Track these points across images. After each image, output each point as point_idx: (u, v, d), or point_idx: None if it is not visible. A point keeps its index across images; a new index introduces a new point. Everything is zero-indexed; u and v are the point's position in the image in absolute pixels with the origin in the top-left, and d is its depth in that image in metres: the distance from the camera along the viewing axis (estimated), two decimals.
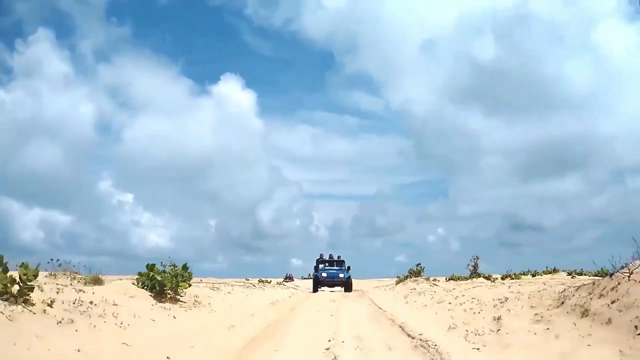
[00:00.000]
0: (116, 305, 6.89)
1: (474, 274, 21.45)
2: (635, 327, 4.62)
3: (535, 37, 63.03)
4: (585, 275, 19.19)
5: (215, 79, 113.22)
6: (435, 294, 11.49)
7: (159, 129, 69.45)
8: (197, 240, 60.48)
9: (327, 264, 24.42)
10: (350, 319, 8.69)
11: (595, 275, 12.90)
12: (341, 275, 23.20)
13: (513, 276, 25.12)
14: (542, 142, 65.10)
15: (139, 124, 74.04)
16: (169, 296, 9.03)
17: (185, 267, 9.79)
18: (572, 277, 19.51)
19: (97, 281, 7.78)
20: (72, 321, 5.23)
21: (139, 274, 9.36)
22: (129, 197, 73.69)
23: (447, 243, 69.18)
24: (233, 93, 75.59)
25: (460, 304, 8.90)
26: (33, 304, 5.25)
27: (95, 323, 5.66)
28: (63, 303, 5.75)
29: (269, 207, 71.46)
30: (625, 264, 6.16)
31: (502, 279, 24.30)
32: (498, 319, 6.56)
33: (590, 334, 4.84)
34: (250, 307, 10.42)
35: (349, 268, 24.82)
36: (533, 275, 24.65)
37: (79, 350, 4.54)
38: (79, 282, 7.45)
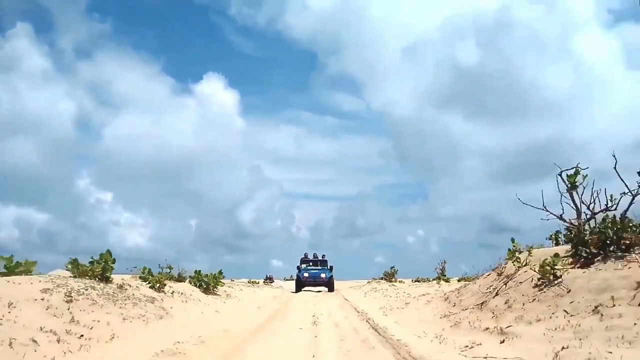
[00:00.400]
0: (190, 294, 11.94)
1: (441, 276, 23.30)
2: (460, 301, 9.86)
3: (516, 43, 67.01)
4: None
5: (197, 78, 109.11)
6: (386, 291, 16.73)
7: (140, 128, 68.22)
8: (177, 240, 60.44)
9: (309, 264, 24.71)
10: (326, 306, 13.82)
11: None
12: (323, 275, 23.59)
13: (466, 279, 30.33)
14: (521, 145, 68.03)
15: (120, 122, 72.28)
16: (211, 291, 14.09)
17: (220, 272, 14.88)
18: None
19: (180, 279, 12.88)
20: (185, 301, 10.31)
21: (191, 277, 14.38)
22: (108, 196, 71.99)
23: (427, 244, 72.78)
24: (216, 92, 75.74)
25: (396, 297, 14.14)
26: (164, 292, 10.30)
27: (191, 302, 10.72)
28: (173, 292, 10.82)
29: (250, 207, 71.67)
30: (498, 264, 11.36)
31: (458, 281, 29.42)
32: (407, 304, 11.83)
33: (438, 308, 10.06)
34: (261, 299, 15.52)
35: (331, 268, 25.05)
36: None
37: (202, 313, 9.63)
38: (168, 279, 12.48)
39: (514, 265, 8.25)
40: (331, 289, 23.13)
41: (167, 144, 69.92)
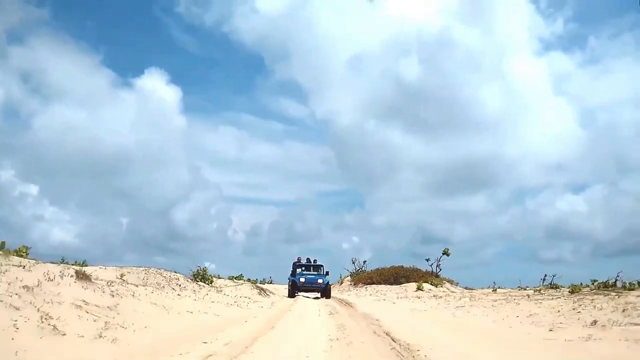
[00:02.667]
0: (205, 285, 17.91)
1: None
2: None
3: (455, 62, 66.24)
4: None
5: (138, 72, 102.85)
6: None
7: (73, 120, 61.08)
8: (106, 238, 57.05)
9: (304, 269, 23.40)
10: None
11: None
12: (320, 280, 22.39)
13: None
14: (454, 160, 67.16)
15: (52, 112, 64.19)
16: (209, 285, 19.99)
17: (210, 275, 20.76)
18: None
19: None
20: (221, 290, 16.49)
21: (195, 274, 20.04)
22: (33, 189, 65.67)
23: (360, 252, 71.26)
24: (157, 88, 69.41)
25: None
26: (211, 285, 16.45)
27: (215, 291, 16.90)
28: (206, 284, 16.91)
29: (186, 208, 66.30)
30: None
31: None
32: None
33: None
34: (242, 292, 21.55)
35: (327, 273, 23.89)
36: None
37: (225, 294, 16.04)
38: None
39: None
40: (327, 295, 21.93)
41: (102, 138, 62.95)
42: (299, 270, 23.27)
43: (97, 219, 64.22)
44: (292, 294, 21.97)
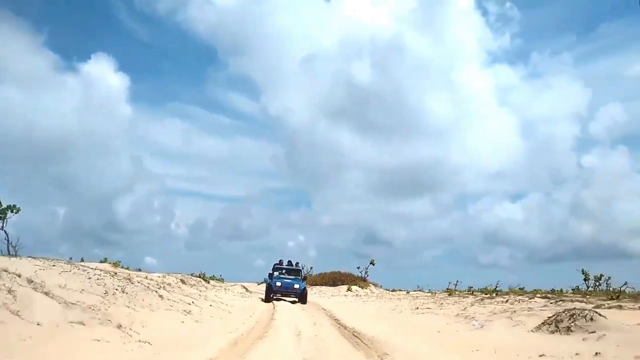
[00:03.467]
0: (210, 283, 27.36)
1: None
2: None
3: (406, 68, 67.48)
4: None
5: (85, 57, 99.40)
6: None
7: (11, 102, 58.14)
8: (39, 228, 53.91)
9: (282, 272, 23.18)
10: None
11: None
12: (296, 285, 22.16)
13: None
14: (401, 164, 68.63)
15: None
16: (211, 283, 29.29)
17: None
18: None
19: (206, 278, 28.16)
20: (225, 289, 26.12)
21: (203, 276, 29.40)
22: None
23: (305, 250, 68.33)
24: (104, 74, 66.86)
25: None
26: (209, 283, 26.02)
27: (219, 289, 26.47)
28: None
29: (127, 199, 65.18)
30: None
31: None
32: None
33: None
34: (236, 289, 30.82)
35: (305, 278, 24.11)
36: None
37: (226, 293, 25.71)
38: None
39: None
40: (304, 301, 21.69)
41: (42, 123, 61.10)
42: (276, 273, 23.09)
43: (30, 208, 58.57)
44: (267, 298, 21.88)
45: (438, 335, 10.20)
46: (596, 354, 6.90)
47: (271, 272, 23.49)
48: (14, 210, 14.57)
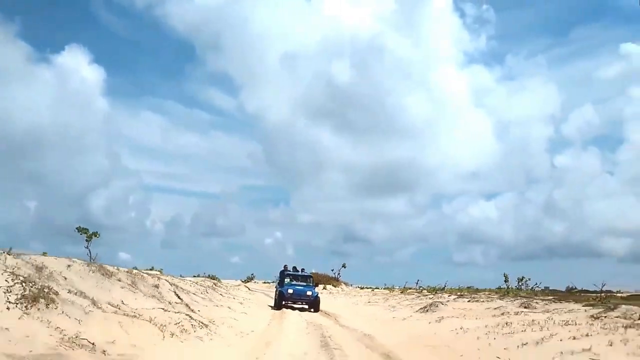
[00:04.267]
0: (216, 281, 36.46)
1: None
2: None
3: (385, 68, 69.21)
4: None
5: (58, 48, 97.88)
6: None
7: None
8: (9, 224, 51.69)
9: (293, 279, 22.42)
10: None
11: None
12: (309, 292, 21.42)
13: None
14: (379, 163, 69.58)
15: None
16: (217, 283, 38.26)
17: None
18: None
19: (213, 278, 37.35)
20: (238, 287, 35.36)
21: (210, 276, 38.44)
22: None
23: (283, 248, 70.57)
24: (78, 67, 65.22)
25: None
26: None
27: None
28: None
29: (102, 195, 63.85)
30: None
31: None
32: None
33: None
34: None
35: (316, 284, 23.66)
36: None
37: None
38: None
39: None
40: (316, 308, 20.87)
41: (13, 116, 58.66)
42: (287, 280, 22.19)
43: (0, 204, 57.86)
44: (278, 305, 21.30)
45: (368, 315, 20.06)
46: (438, 319, 16.50)
47: (280, 278, 22.83)
48: None
